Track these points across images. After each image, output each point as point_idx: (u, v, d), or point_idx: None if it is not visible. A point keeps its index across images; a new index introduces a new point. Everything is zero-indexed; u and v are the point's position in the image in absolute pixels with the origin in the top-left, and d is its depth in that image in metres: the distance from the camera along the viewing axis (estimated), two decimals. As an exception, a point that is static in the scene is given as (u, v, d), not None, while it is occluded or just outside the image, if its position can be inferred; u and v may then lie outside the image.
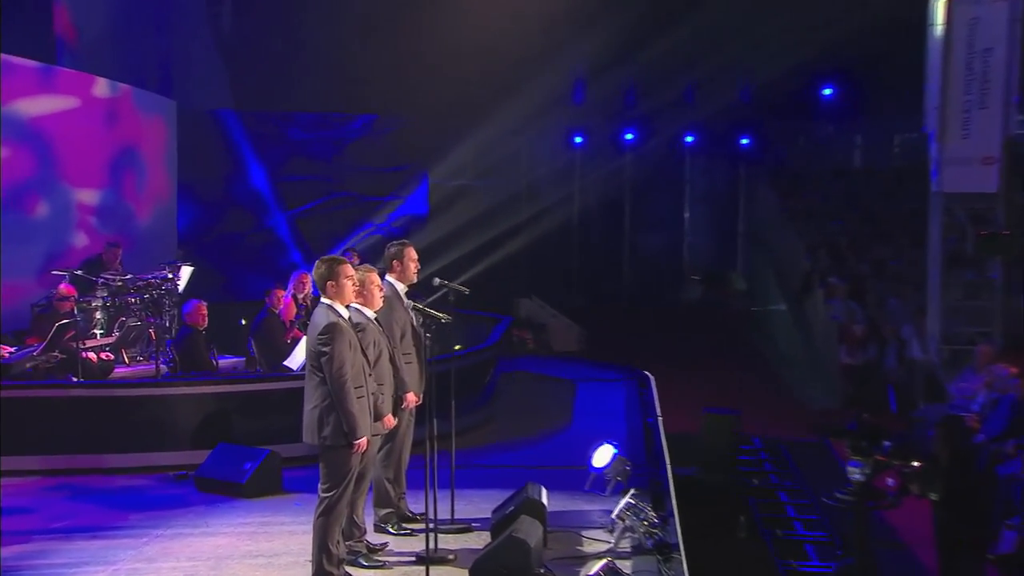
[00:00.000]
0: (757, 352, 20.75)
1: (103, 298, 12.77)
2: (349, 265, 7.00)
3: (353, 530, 7.39)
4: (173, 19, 18.56)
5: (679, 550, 7.53)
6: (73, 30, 16.21)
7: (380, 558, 7.49)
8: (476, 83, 18.38)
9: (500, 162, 21.18)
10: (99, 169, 15.55)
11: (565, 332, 19.73)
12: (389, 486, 8.09)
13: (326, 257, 6.98)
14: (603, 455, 9.02)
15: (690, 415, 12.53)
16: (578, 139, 25.07)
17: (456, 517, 8.16)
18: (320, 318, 6.81)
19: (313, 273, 6.94)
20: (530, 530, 7.16)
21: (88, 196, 15.30)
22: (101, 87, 15.59)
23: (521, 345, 18.98)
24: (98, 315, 12.71)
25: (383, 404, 7.26)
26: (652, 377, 13.71)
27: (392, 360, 7.53)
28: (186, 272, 13.69)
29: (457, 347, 8.54)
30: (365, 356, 6.93)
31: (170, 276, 13.39)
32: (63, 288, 11.85)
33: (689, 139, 26.09)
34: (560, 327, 19.76)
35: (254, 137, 18.59)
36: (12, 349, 11.04)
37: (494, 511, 7.96)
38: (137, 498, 9.07)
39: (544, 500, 7.90)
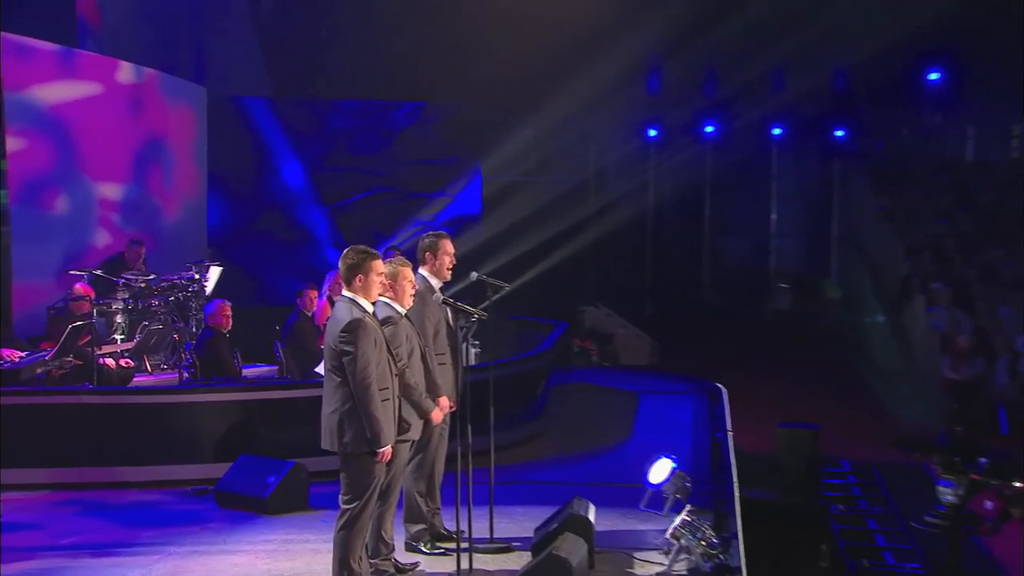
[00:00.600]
0: (850, 366, 20.53)
1: (124, 300, 13.01)
2: (382, 261, 7.09)
3: (380, 547, 7.47)
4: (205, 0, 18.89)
5: (741, 575, 7.49)
6: (96, 11, 16.58)
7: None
8: (535, 66, 18.39)
9: (562, 155, 21.17)
10: (123, 161, 15.87)
11: (635, 344, 19.70)
12: (421, 500, 8.15)
13: (359, 247, 7.06)
14: (661, 470, 9.01)
15: (769, 433, 12.47)
16: (652, 131, 25.03)
17: (496, 536, 8.19)
18: (342, 313, 6.89)
19: (340, 262, 7.01)
20: (573, 548, 7.18)
21: (111, 191, 15.62)
22: (125, 72, 15.92)
23: (584, 356, 19.01)
24: (118, 319, 12.95)
25: (426, 399, 7.43)
26: (724, 390, 13.65)
27: (424, 360, 7.60)
28: (215, 273, 13.91)
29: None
30: (391, 355, 7.00)
31: (197, 277, 13.63)
32: (79, 288, 12.10)
33: (776, 131, 25.89)
34: (629, 338, 19.74)
35: (291, 127, 18.81)
36: (23, 354, 11.28)
37: (536, 529, 7.97)
38: (151, 514, 9.23)
39: (591, 517, 7.89)
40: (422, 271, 8.25)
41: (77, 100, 15.02)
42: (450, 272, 8.30)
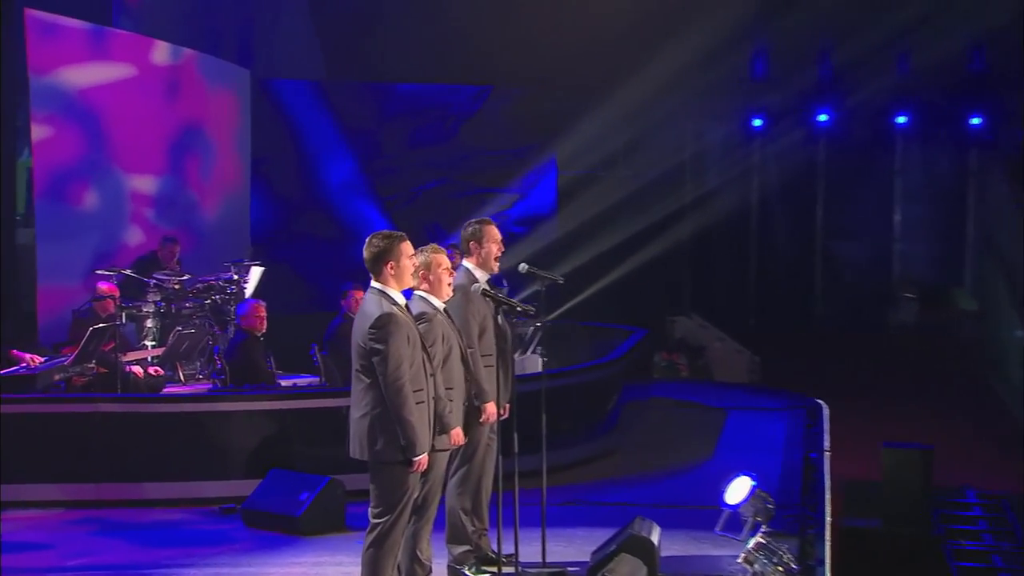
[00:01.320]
0: (985, 385, 20.25)
1: (156, 303, 13.28)
2: (410, 243, 7.18)
3: (415, 568, 7.53)
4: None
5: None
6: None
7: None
8: (617, 42, 18.35)
9: (649, 145, 21.09)
10: (157, 151, 16.24)
11: (733, 359, 19.58)
12: (466, 519, 8.22)
13: (383, 231, 7.18)
14: (739, 489, 9.02)
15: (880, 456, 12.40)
16: (756, 120, 24.91)
17: (549, 560, 8.27)
18: (371, 307, 6.99)
19: (365, 250, 7.12)
20: (629, 571, 7.23)
21: (144, 184, 15.99)
22: (161, 52, 16.27)
23: (671, 370, 18.96)
24: (149, 323, 13.24)
25: (450, 414, 7.41)
26: (825, 407, 13.58)
27: (464, 360, 7.67)
28: (256, 273, 14.15)
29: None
30: (426, 353, 7.08)
31: (236, 278, 13.88)
32: (102, 287, 12.36)
33: (901, 119, 25.63)
34: (726, 352, 19.62)
35: (344, 113, 19.02)
36: (43, 359, 11.56)
37: (593, 552, 8.03)
38: (172, 533, 9.47)
39: (655, 539, 7.93)
40: (466, 263, 8.35)
41: (108, 83, 15.39)
42: (498, 263, 8.39)
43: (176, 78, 16.51)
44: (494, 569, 8.16)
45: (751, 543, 7.86)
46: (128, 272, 13.44)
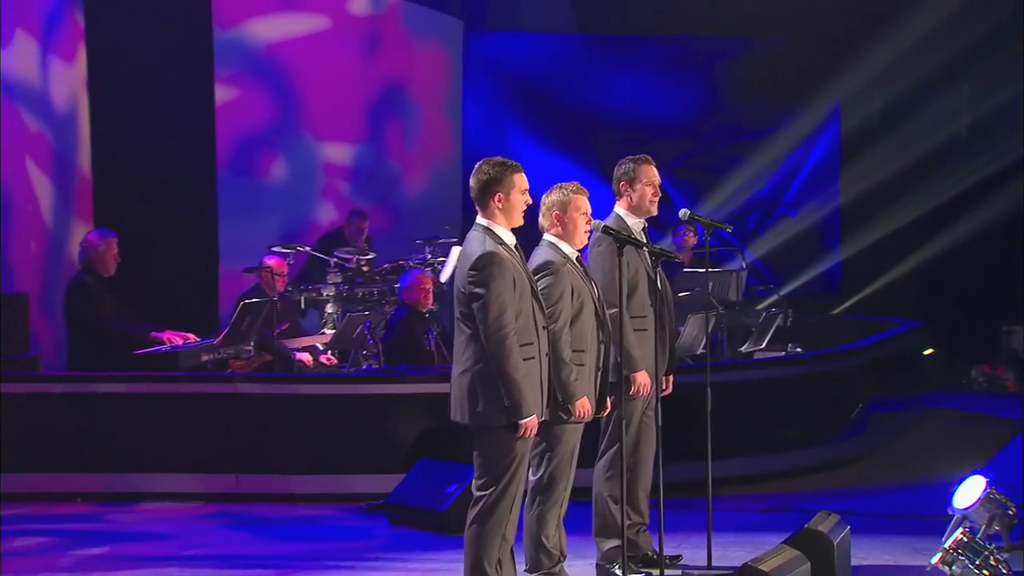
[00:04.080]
0: None
1: (337, 285, 13.88)
2: (524, 176, 7.49)
3: (540, 557, 7.76)
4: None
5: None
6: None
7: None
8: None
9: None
10: (354, 115, 16.96)
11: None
12: (615, 509, 8.31)
13: (497, 159, 7.45)
14: (970, 491, 8.96)
15: None
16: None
17: (716, 563, 8.46)
18: (473, 245, 7.26)
19: (472, 178, 7.40)
20: (785, 564, 7.34)
21: (338, 153, 16.78)
22: (359, 1, 17.00)
23: (993, 384, 18.63)
24: (329, 308, 13.86)
25: (576, 381, 7.60)
26: None
27: (599, 317, 7.87)
28: (455, 253, 14.54)
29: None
30: (537, 301, 7.33)
31: (430, 258, 14.38)
32: (267, 262, 12.95)
33: None
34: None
35: (577, 72, 19.10)
36: (196, 339, 12.25)
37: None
38: (304, 529, 10.04)
39: (840, 536, 8.01)
40: (617, 208, 8.59)
41: (299, 37, 16.24)
42: (654, 205, 8.60)
43: (376, 31, 17.15)
44: (653, 571, 8.41)
45: (949, 541, 7.82)
46: (306, 249, 14.07)
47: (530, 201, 7.52)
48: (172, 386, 11.16)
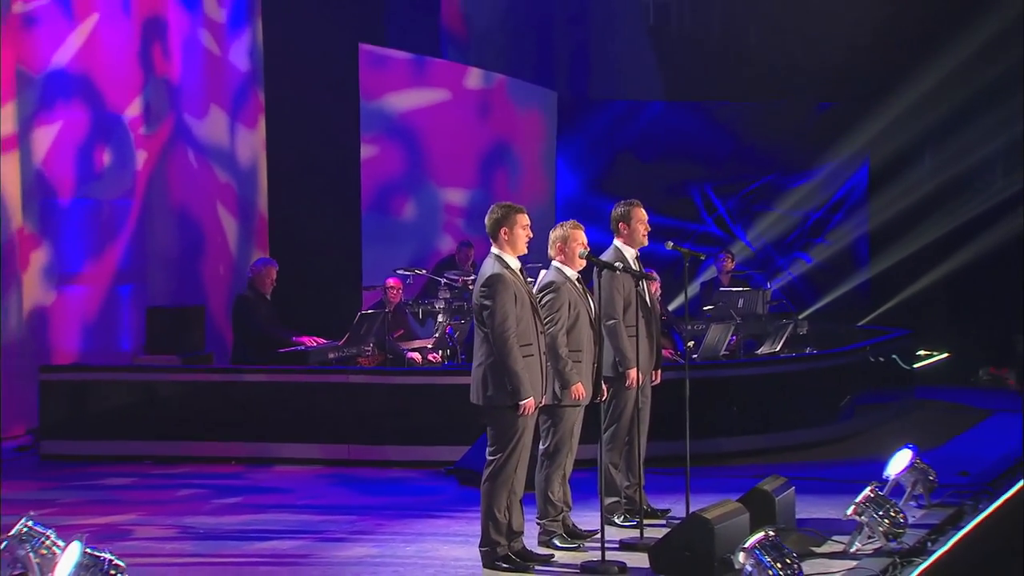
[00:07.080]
0: None
1: (446, 300, 14.49)
2: (527, 215, 8.03)
3: (547, 508, 8.34)
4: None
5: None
6: (462, 21, 18.50)
7: (578, 540, 8.38)
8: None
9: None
10: (469, 167, 17.65)
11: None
12: (616, 473, 8.96)
13: (504, 202, 8.09)
14: (899, 461, 9.29)
15: None
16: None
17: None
18: (485, 268, 7.93)
19: (486, 218, 8.02)
20: (726, 514, 7.69)
21: (456, 196, 17.42)
22: (474, 78, 17.73)
23: (996, 382, 18.41)
24: (440, 319, 14.45)
25: (571, 371, 8.17)
26: None
27: (593, 326, 8.35)
28: (541, 275, 15.08)
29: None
30: (536, 313, 7.88)
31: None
32: (389, 282, 13.69)
33: None
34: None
35: (675, 132, 19.23)
36: (324, 341, 12.94)
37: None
38: (394, 487, 10.69)
39: (784, 494, 8.37)
40: (616, 242, 9.08)
41: (426, 107, 16.94)
42: (645, 239, 9.05)
43: (487, 100, 17.88)
44: (650, 521, 8.85)
45: (859, 496, 8.13)
46: (423, 272, 14.72)
47: (531, 235, 8.02)
48: (302, 376, 11.92)
